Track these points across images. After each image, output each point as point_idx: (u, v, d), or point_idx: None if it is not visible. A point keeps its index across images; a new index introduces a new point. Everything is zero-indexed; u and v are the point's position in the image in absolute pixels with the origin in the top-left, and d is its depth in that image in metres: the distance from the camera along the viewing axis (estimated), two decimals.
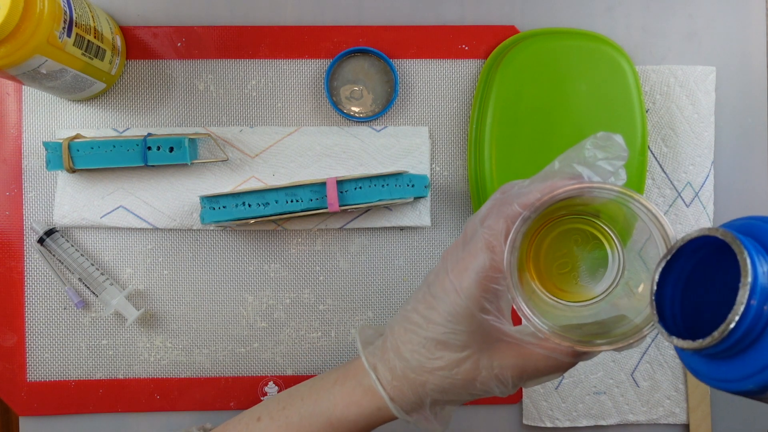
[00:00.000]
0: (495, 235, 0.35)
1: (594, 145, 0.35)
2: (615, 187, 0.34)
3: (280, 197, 0.55)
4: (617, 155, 0.35)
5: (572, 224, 0.40)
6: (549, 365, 0.36)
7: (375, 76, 0.60)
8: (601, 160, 0.34)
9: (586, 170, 0.35)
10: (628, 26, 0.61)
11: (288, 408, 0.43)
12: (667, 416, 0.61)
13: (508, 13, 0.61)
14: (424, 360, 0.37)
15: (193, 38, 0.59)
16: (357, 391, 0.41)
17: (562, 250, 0.40)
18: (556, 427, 0.61)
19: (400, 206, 0.59)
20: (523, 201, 0.35)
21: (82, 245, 0.59)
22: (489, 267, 0.35)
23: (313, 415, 0.42)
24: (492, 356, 0.37)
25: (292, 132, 0.59)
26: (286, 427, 0.42)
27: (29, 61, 0.45)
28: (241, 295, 0.60)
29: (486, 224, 0.36)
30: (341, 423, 0.41)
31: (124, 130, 0.59)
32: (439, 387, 0.38)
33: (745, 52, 0.62)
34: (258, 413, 0.45)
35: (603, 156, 0.34)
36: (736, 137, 0.61)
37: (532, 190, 0.35)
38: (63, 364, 0.59)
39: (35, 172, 0.59)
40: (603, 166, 0.35)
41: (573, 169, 0.35)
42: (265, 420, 0.43)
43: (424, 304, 0.38)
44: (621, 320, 0.36)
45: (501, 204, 0.36)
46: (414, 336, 0.38)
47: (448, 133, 0.60)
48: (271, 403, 0.45)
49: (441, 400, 0.39)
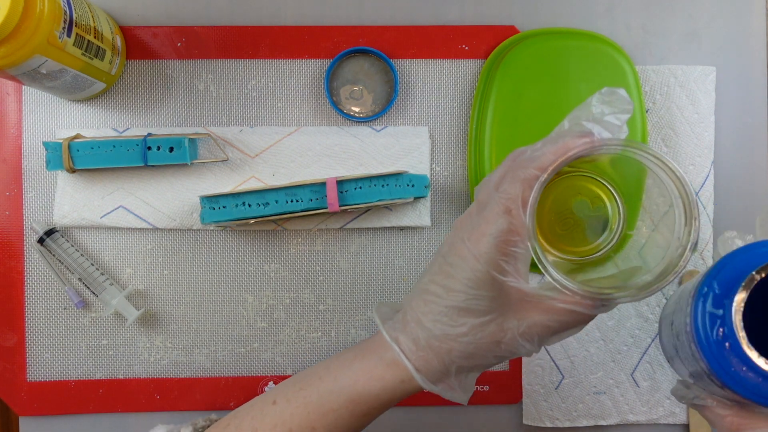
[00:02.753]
0: (512, 199, 0.35)
1: (600, 101, 0.36)
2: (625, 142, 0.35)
3: (280, 197, 0.55)
4: (623, 109, 0.35)
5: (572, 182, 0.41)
6: (572, 319, 0.36)
7: (375, 76, 0.60)
8: (608, 116, 0.35)
9: (596, 127, 0.35)
10: (628, 26, 0.61)
11: (305, 389, 0.42)
12: (667, 416, 0.61)
13: (508, 13, 0.61)
14: (447, 328, 0.37)
15: (193, 38, 0.59)
16: (379, 365, 0.40)
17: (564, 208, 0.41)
18: (556, 427, 0.61)
19: (400, 206, 0.59)
20: (538, 164, 0.35)
21: (82, 245, 0.59)
22: (507, 230, 0.35)
23: (333, 393, 0.41)
24: (516, 316, 0.37)
25: (292, 132, 0.59)
26: (305, 407, 0.41)
27: (29, 61, 0.45)
28: (241, 295, 0.60)
29: (501, 189, 0.36)
30: (363, 399, 0.40)
31: (124, 130, 0.59)
32: (464, 353, 0.38)
33: (745, 52, 0.62)
34: (273, 396, 0.43)
35: (609, 111, 0.35)
36: (736, 137, 0.61)
37: (546, 152, 0.35)
38: (63, 364, 0.59)
39: (35, 172, 0.59)
40: (611, 120, 0.35)
41: (583, 127, 0.36)
42: (281, 402, 0.42)
43: (441, 275, 0.38)
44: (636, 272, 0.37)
45: (516, 168, 0.36)
46: (435, 306, 0.38)
47: (448, 133, 0.60)
48: (286, 386, 0.44)
49: (467, 366, 0.39)
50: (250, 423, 0.43)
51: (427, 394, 0.61)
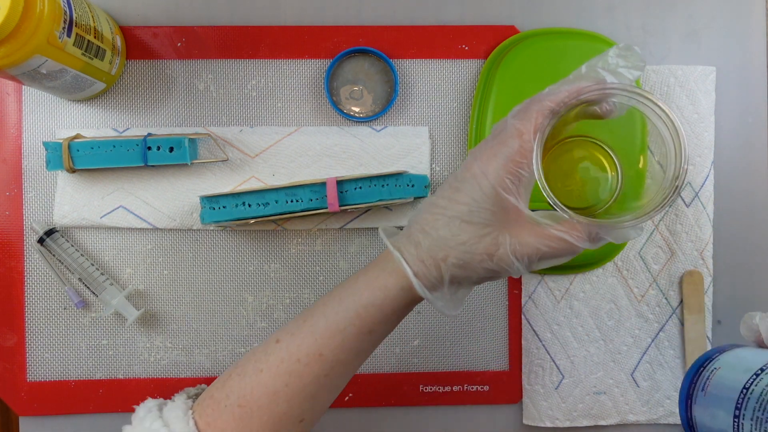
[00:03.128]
0: (524, 124, 0.39)
1: (616, 54, 0.39)
2: (635, 89, 0.38)
3: (280, 197, 0.55)
4: (636, 65, 0.39)
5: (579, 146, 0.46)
6: (561, 247, 0.39)
7: (375, 76, 0.60)
8: (622, 68, 0.39)
9: (609, 76, 0.39)
10: (628, 26, 0.61)
11: (309, 320, 0.43)
12: (667, 416, 0.61)
13: (508, 13, 0.61)
14: (448, 236, 0.40)
15: (193, 38, 0.59)
16: (381, 275, 0.42)
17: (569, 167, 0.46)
18: (556, 427, 0.61)
19: (400, 206, 0.59)
20: (553, 98, 0.39)
21: (82, 245, 0.59)
22: (516, 151, 0.38)
23: (339, 313, 0.42)
24: (511, 234, 0.39)
25: (292, 132, 0.59)
26: (311, 335, 0.42)
27: (29, 61, 0.45)
28: (241, 295, 0.60)
29: (516, 116, 0.40)
30: (368, 311, 0.42)
31: (124, 130, 0.59)
32: (460, 261, 0.40)
33: (745, 52, 0.62)
34: (275, 337, 0.44)
35: (624, 64, 0.39)
36: (736, 137, 0.61)
37: (562, 90, 0.39)
38: (63, 364, 0.59)
39: (35, 172, 0.59)
40: (624, 73, 0.39)
41: (598, 74, 0.39)
42: (286, 339, 0.43)
43: (450, 190, 0.41)
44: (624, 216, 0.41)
45: (532, 101, 0.40)
46: (440, 217, 0.40)
47: (448, 133, 0.60)
48: (288, 325, 0.44)
49: (459, 276, 0.41)
50: (254, 366, 0.43)
51: (427, 393, 0.61)
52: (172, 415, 0.43)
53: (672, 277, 0.61)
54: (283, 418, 0.42)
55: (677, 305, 0.61)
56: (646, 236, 0.61)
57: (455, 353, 0.61)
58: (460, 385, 0.61)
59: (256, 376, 0.42)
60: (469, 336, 0.61)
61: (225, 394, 0.43)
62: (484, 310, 0.61)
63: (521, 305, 0.61)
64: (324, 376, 0.42)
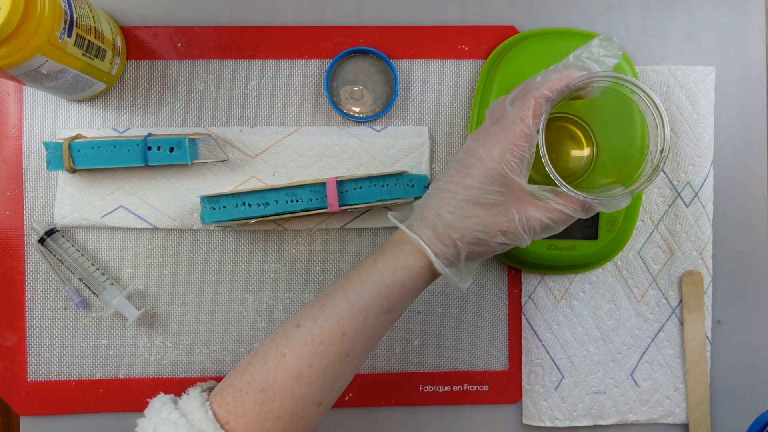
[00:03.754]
0: (524, 111, 0.43)
1: (598, 44, 0.45)
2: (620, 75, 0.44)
3: (280, 197, 0.55)
4: (614, 54, 0.45)
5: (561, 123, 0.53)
6: (560, 218, 0.44)
7: (375, 76, 0.60)
8: (603, 56, 0.45)
9: (593, 64, 0.45)
10: (627, 26, 0.61)
11: (330, 302, 0.45)
12: (666, 416, 0.61)
13: (508, 13, 0.61)
14: (463, 217, 0.44)
15: (193, 38, 0.60)
16: (401, 256, 0.45)
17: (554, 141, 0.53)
18: (556, 426, 0.61)
19: (400, 206, 0.59)
20: (548, 86, 0.43)
21: (82, 245, 0.59)
22: (518, 136, 0.43)
23: (361, 294, 0.44)
24: (519, 210, 0.44)
25: (292, 132, 0.60)
26: (334, 316, 0.44)
27: (30, 61, 0.46)
28: (241, 295, 0.60)
29: (516, 104, 0.44)
30: (390, 289, 0.45)
31: (124, 130, 0.59)
32: (475, 239, 0.44)
33: (745, 52, 0.62)
34: (295, 321, 0.45)
35: (605, 53, 0.45)
36: (736, 137, 0.61)
37: (554, 78, 0.44)
38: (63, 363, 0.59)
39: (36, 172, 0.59)
40: (605, 61, 0.45)
41: (583, 63, 0.45)
42: (307, 323, 0.44)
43: (458, 175, 0.45)
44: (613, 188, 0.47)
45: (528, 89, 0.44)
46: (452, 201, 0.44)
47: (448, 133, 0.60)
48: (307, 308, 0.46)
49: (474, 252, 0.45)
50: (276, 351, 0.44)
51: (427, 393, 0.61)
52: (190, 406, 0.44)
53: (671, 277, 0.61)
54: (304, 401, 0.43)
55: (677, 305, 0.61)
56: (645, 236, 0.61)
57: (455, 353, 0.61)
58: (459, 385, 0.61)
59: (279, 361, 0.44)
60: (469, 336, 0.61)
61: (246, 380, 0.44)
62: (484, 310, 0.61)
63: (521, 305, 0.61)
64: (345, 356, 0.44)
